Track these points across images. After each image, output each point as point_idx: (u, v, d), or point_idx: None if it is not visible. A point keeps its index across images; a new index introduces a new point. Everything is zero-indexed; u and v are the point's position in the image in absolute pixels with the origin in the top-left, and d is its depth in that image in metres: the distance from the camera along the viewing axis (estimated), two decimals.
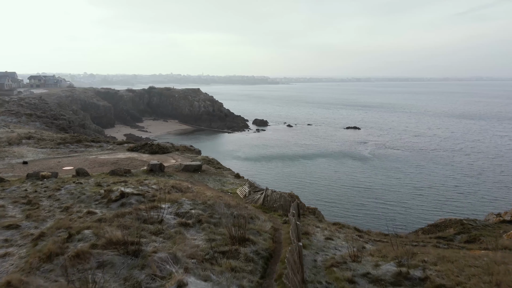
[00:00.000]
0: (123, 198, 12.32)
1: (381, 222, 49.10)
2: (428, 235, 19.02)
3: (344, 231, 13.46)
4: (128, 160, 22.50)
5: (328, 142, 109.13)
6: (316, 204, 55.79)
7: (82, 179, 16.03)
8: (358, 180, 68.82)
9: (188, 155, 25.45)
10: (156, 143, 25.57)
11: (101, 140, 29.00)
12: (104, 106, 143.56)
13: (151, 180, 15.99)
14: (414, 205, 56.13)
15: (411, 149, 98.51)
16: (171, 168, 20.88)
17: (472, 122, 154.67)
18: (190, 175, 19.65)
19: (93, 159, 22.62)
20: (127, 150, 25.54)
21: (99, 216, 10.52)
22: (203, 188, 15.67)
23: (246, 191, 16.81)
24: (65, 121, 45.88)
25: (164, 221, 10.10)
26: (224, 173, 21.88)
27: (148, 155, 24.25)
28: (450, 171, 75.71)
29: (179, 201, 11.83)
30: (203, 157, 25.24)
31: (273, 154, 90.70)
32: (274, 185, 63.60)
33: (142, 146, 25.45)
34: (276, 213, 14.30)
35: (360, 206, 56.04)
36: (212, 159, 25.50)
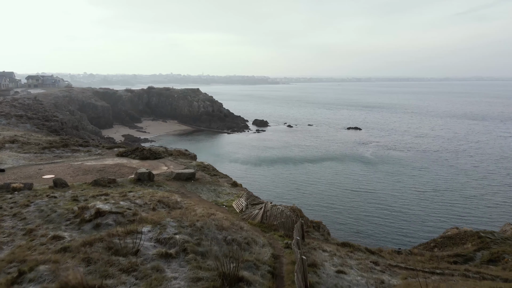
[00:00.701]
0: (98, 217, 10.60)
1: (387, 231, 47.25)
2: (445, 252, 17.23)
3: (356, 256, 11.66)
4: (116, 167, 20.74)
5: (329, 143, 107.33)
6: (318, 211, 53.91)
7: (59, 191, 14.30)
8: (360, 184, 66.98)
9: (182, 160, 23.68)
10: (148, 147, 23.78)
11: (90, 144, 27.24)
12: (102, 107, 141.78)
13: (137, 193, 14.25)
14: (420, 211, 54.25)
15: (414, 150, 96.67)
16: (161, 176, 19.10)
17: (475, 122, 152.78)
18: (182, 184, 17.89)
19: (78, 165, 20.85)
20: (116, 155, 23.78)
21: (65, 243, 8.79)
22: (194, 202, 13.91)
23: (243, 204, 15.06)
24: (57, 122, 44.08)
25: (141, 251, 8.35)
26: (220, 182, 20.12)
27: (138, 161, 22.49)
28: (454, 173, 73.84)
29: (162, 222, 10.09)
30: (198, 163, 23.45)
31: (273, 156, 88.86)
32: (273, 191, 61.61)
33: (132, 151, 23.68)
34: (277, 233, 12.53)
35: (364, 212, 54.20)
36: (208, 165, 23.71)
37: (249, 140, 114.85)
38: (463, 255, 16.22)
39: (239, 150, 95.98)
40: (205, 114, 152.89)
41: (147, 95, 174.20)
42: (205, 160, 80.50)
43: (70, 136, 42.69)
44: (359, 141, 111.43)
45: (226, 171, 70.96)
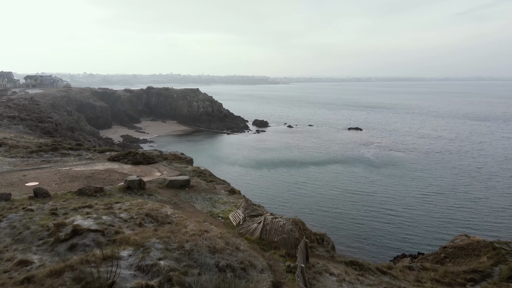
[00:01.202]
0: (75, 236, 9.34)
1: (391, 236, 45.79)
2: (460, 268, 15.94)
3: (368, 281, 10.37)
4: (106, 173, 19.46)
5: (329, 144, 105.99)
6: (320, 215, 52.38)
7: (38, 202, 13.04)
8: (362, 186, 65.61)
9: (177, 165, 22.40)
10: (141, 152, 22.49)
11: (81, 147, 25.95)
12: (100, 107, 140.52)
13: (124, 204, 12.99)
14: (424, 215, 52.84)
15: (416, 151, 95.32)
16: (154, 183, 17.80)
17: (477, 123, 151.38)
18: (175, 192, 16.60)
19: (65, 171, 19.58)
20: (107, 159, 22.50)
21: (32, 270, 7.54)
22: (186, 215, 12.64)
23: (240, 217, 13.78)
24: (51, 124, 42.83)
25: (117, 283, 7.10)
26: (217, 189, 18.83)
27: (130, 166, 21.20)
28: (458, 175, 72.47)
29: (146, 244, 8.80)
30: (193, 168, 22.16)
31: (273, 158, 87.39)
32: (273, 194, 60.04)
33: (124, 155, 22.38)
34: (278, 253, 11.28)
35: (367, 216, 52.85)
36: (204, 170, 22.42)
37: (249, 141, 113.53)
38: (480, 271, 14.95)
39: (239, 152, 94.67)
40: (205, 114, 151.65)
41: (146, 95, 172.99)
42: (203, 163, 78.92)
43: (64, 138, 41.40)
44: (360, 142, 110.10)
45: (225, 174, 69.86)
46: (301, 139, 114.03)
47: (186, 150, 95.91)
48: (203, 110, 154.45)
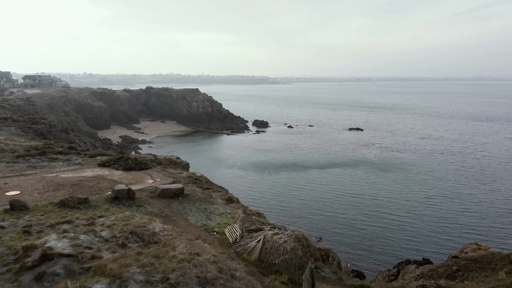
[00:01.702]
0: (45, 262, 8.03)
1: (396, 243, 44.33)
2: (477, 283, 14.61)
3: None
4: (95, 180, 18.16)
5: (330, 145, 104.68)
6: (322, 221, 50.66)
7: (13, 217, 11.71)
8: (364, 190, 64.21)
9: (172, 171, 21.09)
10: (133, 156, 21.17)
11: (71, 151, 24.66)
12: (99, 107, 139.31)
13: (108, 218, 11.66)
14: (428, 220, 51.39)
15: (419, 152, 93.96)
16: (144, 192, 16.47)
17: (480, 123, 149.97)
18: (167, 202, 15.29)
19: (51, 178, 18.26)
20: (97, 165, 21.19)
21: None
22: (177, 232, 11.31)
23: (237, 232, 12.44)
24: (45, 125, 41.55)
25: None
26: (213, 197, 17.52)
27: (121, 173, 19.89)
28: (462, 178, 71.06)
29: (124, 275, 7.43)
30: (189, 174, 20.85)
31: (272, 160, 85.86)
32: (272, 200, 58.32)
33: (116, 160, 21.09)
34: (279, 278, 9.93)
35: (370, 221, 51.49)
36: (200, 176, 21.09)
37: (249, 141, 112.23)
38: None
39: (238, 153, 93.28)
40: (204, 114, 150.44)
41: (145, 95, 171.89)
42: (201, 165, 77.51)
43: (58, 140, 40.10)
44: (361, 142, 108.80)
45: (223, 178, 68.33)
46: (301, 140, 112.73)
47: (185, 151, 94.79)
48: (202, 110, 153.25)
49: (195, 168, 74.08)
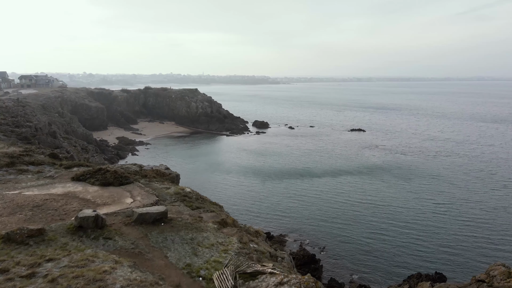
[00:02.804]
0: None
1: (404, 254, 41.24)
2: None
3: None
4: (63, 200, 15.28)
5: (332, 147, 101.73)
6: (324, 230, 47.25)
7: None
8: (368, 195, 61.23)
9: (157, 185, 18.20)
10: (114, 169, 18.28)
11: (45, 161, 21.77)
12: (96, 108, 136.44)
13: (58, 264, 8.77)
14: (437, 228, 48.41)
15: (424, 155, 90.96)
16: (119, 216, 13.49)
17: (485, 124, 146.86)
18: (145, 231, 12.36)
19: (11, 197, 15.34)
20: (71, 178, 18.32)
21: None
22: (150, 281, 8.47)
23: (228, 283, 9.53)
24: (29, 128, 38.75)
25: None
26: (204, 220, 14.58)
27: (97, 189, 17.01)
28: (470, 182, 68.08)
29: None
30: (177, 190, 17.91)
31: (272, 164, 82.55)
32: (272, 208, 54.79)
33: (93, 173, 18.18)
34: None
35: (376, 231, 48.55)
36: (190, 192, 18.16)
37: (249, 143, 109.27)
38: None
39: (236, 157, 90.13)
40: (204, 115, 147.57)
41: (143, 96, 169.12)
42: (197, 170, 74.11)
43: (43, 144, 37.23)
44: (364, 144, 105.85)
45: (219, 185, 64.90)
46: (302, 142, 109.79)
47: (182, 154, 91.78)
48: (202, 111, 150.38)
49: (190, 174, 70.71)
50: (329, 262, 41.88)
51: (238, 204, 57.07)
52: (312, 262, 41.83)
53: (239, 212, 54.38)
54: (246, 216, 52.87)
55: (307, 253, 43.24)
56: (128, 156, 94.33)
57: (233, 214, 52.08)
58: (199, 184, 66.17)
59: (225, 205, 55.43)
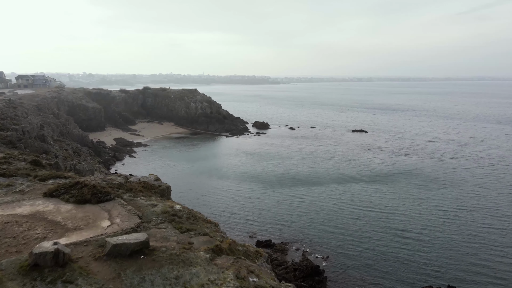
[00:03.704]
0: None
1: (411, 265, 38.51)
2: None
3: None
4: (27, 223, 12.88)
5: (334, 149, 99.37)
6: (326, 239, 43.84)
7: None
8: (372, 201, 58.72)
9: (143, 202, 15.76)
10: (92, 183, 15.85)
11: (18, 172, 19.37)
12: (93, 108, 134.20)
13: None
14: (447, 237, 45.88)
15: (429, 157, 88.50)
16: (90, 247, 11.02)
17: (490, 125, 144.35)
18: (118, 270, 9.91)
19: None
20: (43, 194, 15.95)
21: None
22: None
23: None
24: (15, 132, 36.43)
25: None
26: (194, 247, 12.20)
27: (71, 207, 14.61)
28: (479, 186, 65.58)
29: None
30: (165, 208, 15.43)
31: (273, 168, 79.63)
32: (271, 216, 51.75)
33: (68, 187, 15.72)
34: None
35: (380, 239, 46.12)
36: (181, 210, 15.74)
37: (248, 145, 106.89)
38: None
39: (235, 160, 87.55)
40: (203, 116, 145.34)
41: (142, 96, 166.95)
42: (193, 174, 71.36)
43: (30, 148, 34.87)
44: (366, 146, 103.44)
45: (216, 191, 61.80)
46: (303, 143, 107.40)
47: (179, 157, 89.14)
48: (201, 111, 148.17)
49: (186, 179, 67.64)
50: (333, 273, 39.51)
51: (236, 211, 54.72)
52: (315, 273, 39.48)
53: (238, 219, 52.03)
54: (245, 224, 50.52)
55: (310, 263, 40.86)
56: (125, 158, 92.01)
57: (232, 223, 49.59)
58: (195, 190, 63.75)
59: (223, 212, 53.15)
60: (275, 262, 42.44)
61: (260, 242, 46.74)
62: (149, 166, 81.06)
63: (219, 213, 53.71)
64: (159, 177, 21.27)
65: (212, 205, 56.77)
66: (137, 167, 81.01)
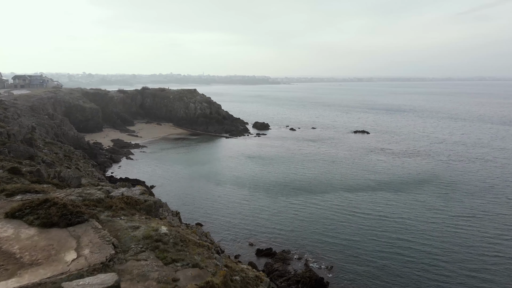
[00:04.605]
0: None
1: (421, 279, 35.99)
2: None
3: None
4: None
5: (335, 151, 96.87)
6: (328, 250, 40.05)
7: None
8: (377, 208, 56.18)
9: (122, 223, 13.30)
10: (63, 202, 13.40)
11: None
12: (91, 109, 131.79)
13: None
14: (460, 250, 43.31)
15: (434, 160, 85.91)
16: None
17: (495, 126, 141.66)
18: None
19: None
20: (5, 214, 13.55)
21: None
22: None
23: None
24: None
25: None
26: (179, 285, 9.82)
27: (34, 232, 12.18)
28: (488, 192, 62.90)
29: None
30: (147, 232, 12.88)
31: (272, 172, 76.39)
32: (271, 222, 48.59)
33: (34, 207, 13.27)
34: None
35: (385, 250, 43.61)
36: (166, 233, 13.23)
37: (248, 147, 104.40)
38: None
39: (234, 163, 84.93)
40: (202, 116, 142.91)
41: (141, 96, 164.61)
42: (189, 179, 68.09)
43: (14, 153, 32.44)
44: (369, 147, 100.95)
45: (213, 197, 58.33)
46: (304, 145, 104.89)
47: (176, 160, 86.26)
48: (200, 112, 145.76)
49: (182, 183, 64.39)
50: (339, 285, 37.03)
51: (235, 218, 52.25)
52: (319, 286, 37.02)
53: (237, 226, 49.57)
54: (244, 231, 48.07)
55: (314, 275, 38.38)
56: (122, 160, 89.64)
57: (230, 230, 46.84)
58: (191, 195, 61.30)
59: (221, 218, 50.50)
60: (276, 273, 39.96)
61: (260, 250, 44.35)
62: (146, 169, 78.67)
63: (217, 219, 51.31)
64: (146, 189, 18.78)
65: (210, 211, 54.35)
66: (134, 169, 78.62)
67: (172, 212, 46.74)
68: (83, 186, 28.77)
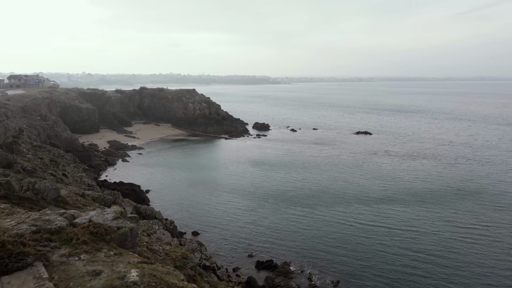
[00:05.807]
0: None
1: None
2: None
3: None
4: None
5: (338, 153, 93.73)
6: (335, 263, 35.64)
7: None
8: (384, 215, 52.98)
9: (79, 266, 10.13)
10: (1, 240, 10.34)
11: None
12: (87, 109, 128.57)
13: None
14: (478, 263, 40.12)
15: (442, 162, 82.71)
16: None
17: (501, 127, 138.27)
18: None
19: None
20: None
21: None
22: None
23: None
24: None
25: None
26: None
27: None
28: (500, 198, 59.80)
29: None
30: (110, 280, 9.83)
31: (272, 178, 72.85)
32: (270, 231, 44.79)
33: None
34: None
35: (399, 265, 40.43)
36: (136, 283, 10.09)
37: (248, 148, 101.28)
38: None
39: (233, 166, 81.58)
40: (201, 117, 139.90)
41: (139, 96, 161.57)
42: (184, 184, 64.10)
43: None
44: (372, 149, 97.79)
45: (208, 204, 52.69)
46: (305, 147, 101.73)
47: (174, 162, 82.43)
48: (199, 112, 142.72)
49: (177, 188, 60.14)
50: None
51: (233, 227, 49.09)
52: None
53: (235, 235, 46.43)
54: (243, 241, 44.93)
55: None
56: (117, 162, 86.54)
57: (228, 240, 43.27)
58: (187, 201, 58.15)
59: (218, 227, 47.13)
60: None
61: (260, 262, 41.24)
62: (142, 172, 75.64)
63: (214, 227, 48.23)
64: (123, 211, 15.57)
65: (207, 218, 51.26)
66: (129, 172, 75.58)
67: (166, 221, 43.51)
68: (61, 198, 25.81)
